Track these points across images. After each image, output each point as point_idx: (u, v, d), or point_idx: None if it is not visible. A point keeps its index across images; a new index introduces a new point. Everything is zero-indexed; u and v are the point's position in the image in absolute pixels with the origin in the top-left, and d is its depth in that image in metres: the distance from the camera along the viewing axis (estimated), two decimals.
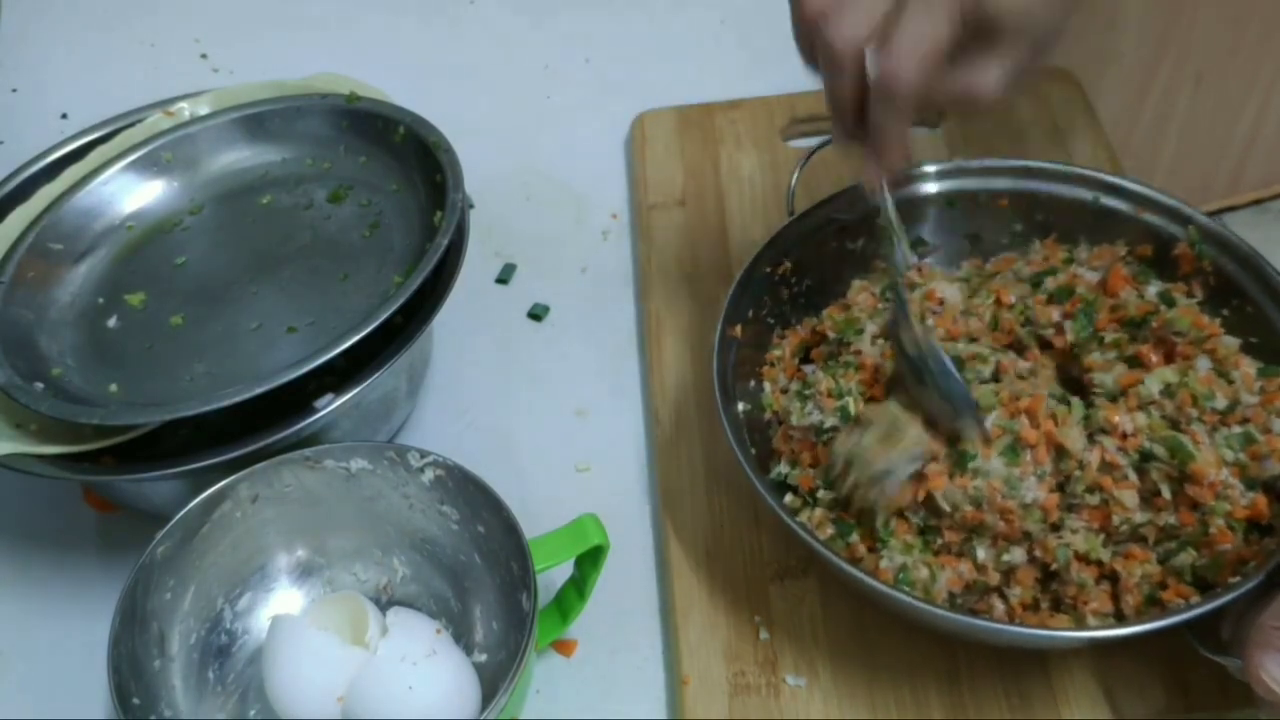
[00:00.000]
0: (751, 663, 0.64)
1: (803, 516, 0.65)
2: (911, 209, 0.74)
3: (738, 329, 0.69)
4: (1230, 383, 0.63)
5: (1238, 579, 0.58)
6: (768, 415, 0.69)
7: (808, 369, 0.70)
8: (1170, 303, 0.67)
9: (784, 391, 0.70)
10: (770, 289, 0.72)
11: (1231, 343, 0.65)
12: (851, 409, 0.66)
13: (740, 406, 0.68)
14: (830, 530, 0.64)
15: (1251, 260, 0.68)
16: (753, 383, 0.70)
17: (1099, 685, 0.62)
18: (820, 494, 0.65)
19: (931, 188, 0.75)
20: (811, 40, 0.57)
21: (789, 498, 0.66)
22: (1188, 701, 0.62)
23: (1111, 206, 0.72)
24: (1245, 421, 0.62)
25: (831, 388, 0.67)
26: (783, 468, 0.67)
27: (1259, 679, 0.53)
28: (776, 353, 0.71)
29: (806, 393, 0.68)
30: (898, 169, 0.60)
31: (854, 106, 0.58)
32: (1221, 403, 0.62)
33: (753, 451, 0.65)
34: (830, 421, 0.66)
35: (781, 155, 0.88)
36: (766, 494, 0.61)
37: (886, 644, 0.64)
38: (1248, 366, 0.64)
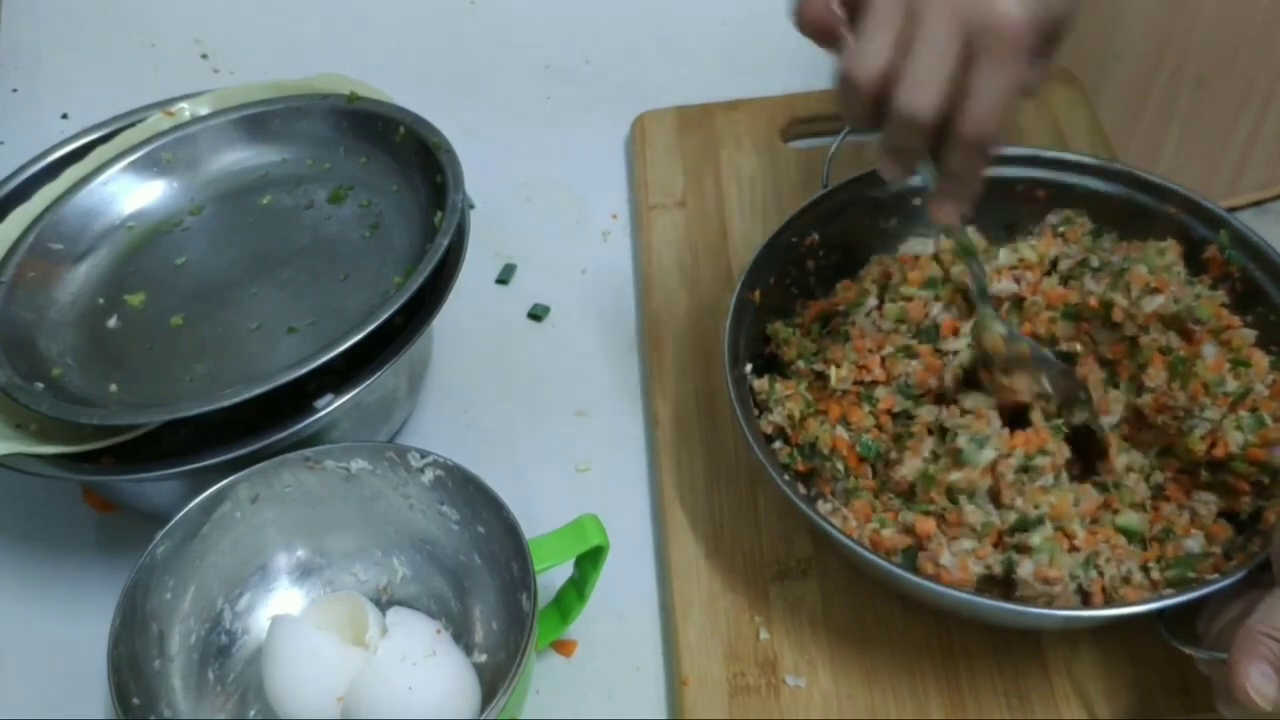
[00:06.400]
0: (751, 663, 0.64)
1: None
2: None
3: (756, 294, 0.69)
4: (1245, 369, 0.64)
5: (1216, 574, 0.58)
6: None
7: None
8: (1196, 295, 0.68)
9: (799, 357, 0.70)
10: (795, 259, 0.72)
11: (1248, 334, 0.66)
12: (833, 378, 0.67)
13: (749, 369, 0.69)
14: (828, 506, 0.65)
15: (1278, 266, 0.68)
16: (766, 349, 0.71)
17: (1097, 686, 0.62)
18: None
19: None
20: (872, 103, 0.55)
21: (777, 444, 0.67)
22: (1186, 702, 0.62)
23: (1146, 204, 0.72)
24: (1255, 410, 0.63)
25: (835, 357, 0.68)
26: (775, 416, 0.67)
27: (1241, 687, 0.53)
28: (798, 320, 0.72)
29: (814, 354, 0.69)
30: (972, 204, 0.60)
31: (926, 153, 0.57)
32: (1233, 385, 0.63)
33: (756, 414, 0.66)
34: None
35: (782, 156, 0.88)
36: (762, 455, 0.62)
37: (886, 645, 0.64)
38: (1261, 358, 0.65)
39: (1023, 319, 0.69)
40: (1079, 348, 0.68)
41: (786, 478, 0.62)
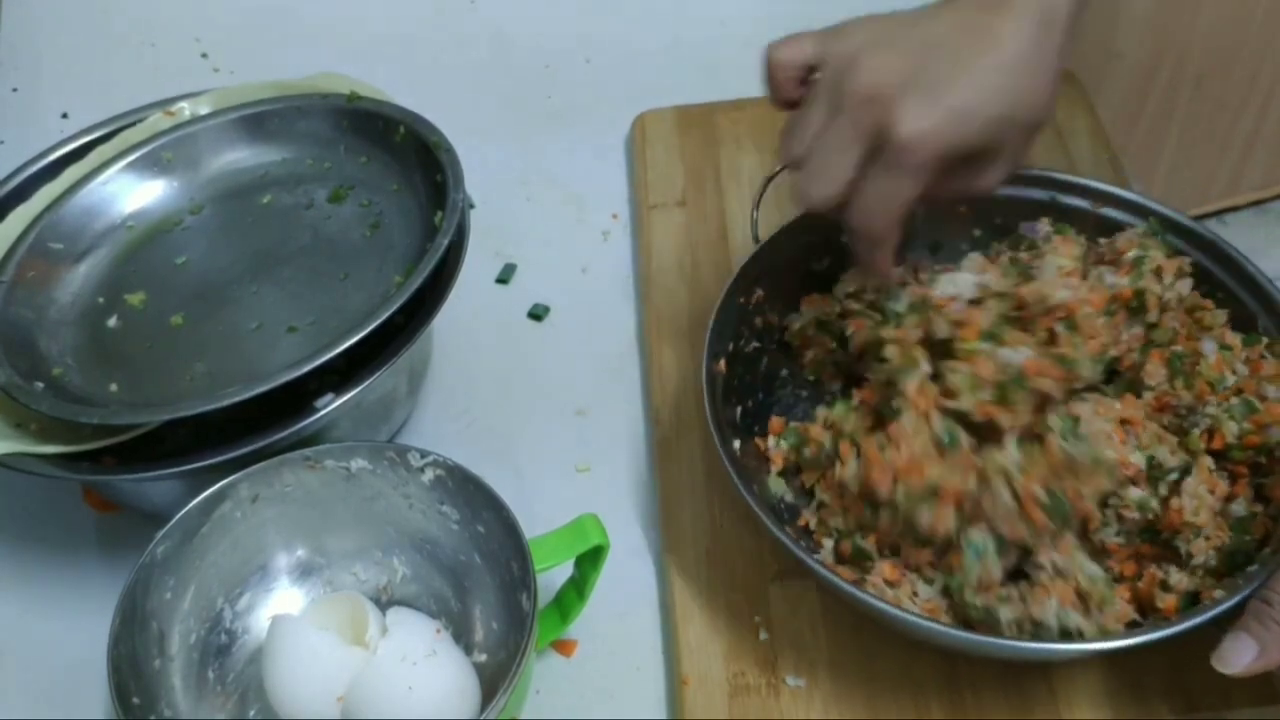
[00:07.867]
0: (751, 663, 0.64)
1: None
2: None
3: (721, 363, 0.68)
4: (1227, 352, 0.65)
5: (1223, 593, 0.57)
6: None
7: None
8: None
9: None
10: (745, 319, 0.70)
11: (1220, 315, 0.67)
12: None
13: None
14: (829, 543, 0.66)
15: (1215, 245, 0.68)
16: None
17: (1100, 687, 0.62)
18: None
19: None
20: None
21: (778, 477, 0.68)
22: (1188, 703, 0.62)
23: (1069, 204, 0.72)
24: (1240, 392, 0.63)
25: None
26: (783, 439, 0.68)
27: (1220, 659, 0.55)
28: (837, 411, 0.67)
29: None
30: (889, 276, 0.65)
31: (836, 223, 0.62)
32: (1230, 380, 0.63)
33: (753, 481, 0.65)
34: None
35: None
36: (767, 517, 0.61)
37: (886, 645, 0.64)
38: (1233, 338, 0.66)
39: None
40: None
41: (770, 482, 0.62)
